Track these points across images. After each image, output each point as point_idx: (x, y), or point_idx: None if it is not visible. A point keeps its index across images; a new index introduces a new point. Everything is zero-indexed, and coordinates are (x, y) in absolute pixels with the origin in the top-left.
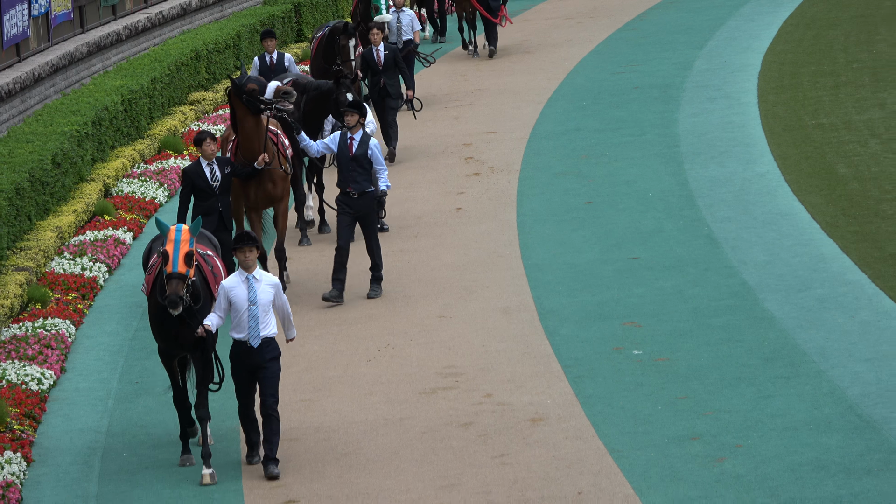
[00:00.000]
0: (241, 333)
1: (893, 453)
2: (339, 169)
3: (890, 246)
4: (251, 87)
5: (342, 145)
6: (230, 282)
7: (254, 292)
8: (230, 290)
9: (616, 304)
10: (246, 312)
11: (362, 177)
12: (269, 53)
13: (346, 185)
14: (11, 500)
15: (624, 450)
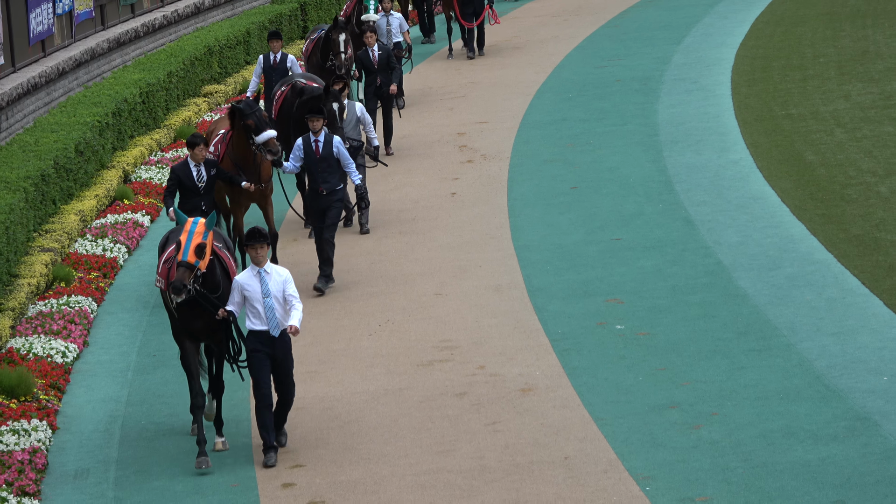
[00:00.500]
0: (261, 325)
1: (858, 421)
2: (309, 171)
3: (854, 228)
4: (248, 122)
5: (308, 150)
6: (243, 277)
7: (266, 285)
8: (244, 285)
9: (600, 282)
10: (261, 305)
11: (332, 176)
12: (274, 53)
13: (318, 185)
14: (38, 465)
15: (607, 418)
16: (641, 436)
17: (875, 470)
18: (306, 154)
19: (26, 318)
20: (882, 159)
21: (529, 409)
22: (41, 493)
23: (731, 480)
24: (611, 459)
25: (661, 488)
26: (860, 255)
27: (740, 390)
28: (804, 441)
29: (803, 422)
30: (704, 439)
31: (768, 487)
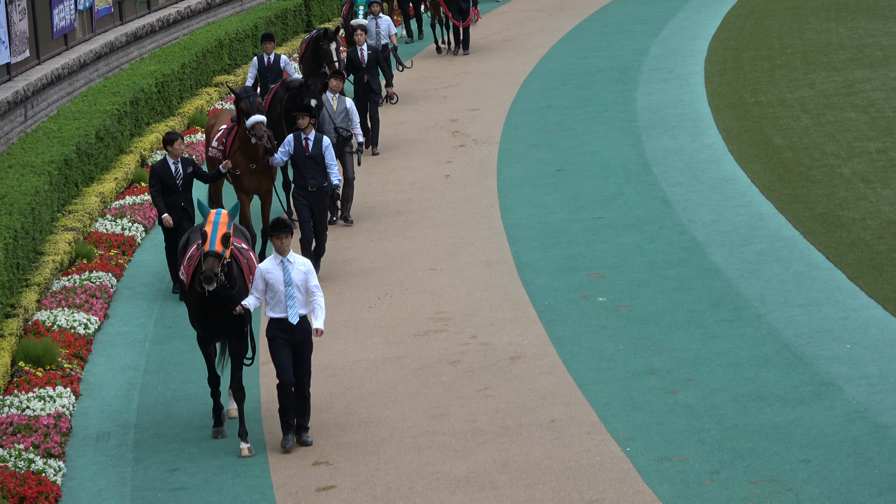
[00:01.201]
0: (280, 312)
1: (823, 385)
2: (296, 167)
3: (819, 206)
4: (241, 105)
5: (298, 147)
6: (266, 265)
7: (288, 274)
8: (266, 272)
9: (583, 257)
10: (282, 293)
11: (318, 173)
12: (267, 55)
13: (305, 181)
14: (62, 429)
15: (590, 383)
16: (622, 400)
17: (839, 431)
18: (296, 151)
19: (51, 293)
20: (844, 143)
21: (518, 376)
22: (65, 454)
23: (706, 441)
24: (594, 422)
25: (641, 449)
26: (824, 232)
27: (714, 357)
28: (773, 404)
29: (772, 387)
30: (681, 403)
31: (740, 447)
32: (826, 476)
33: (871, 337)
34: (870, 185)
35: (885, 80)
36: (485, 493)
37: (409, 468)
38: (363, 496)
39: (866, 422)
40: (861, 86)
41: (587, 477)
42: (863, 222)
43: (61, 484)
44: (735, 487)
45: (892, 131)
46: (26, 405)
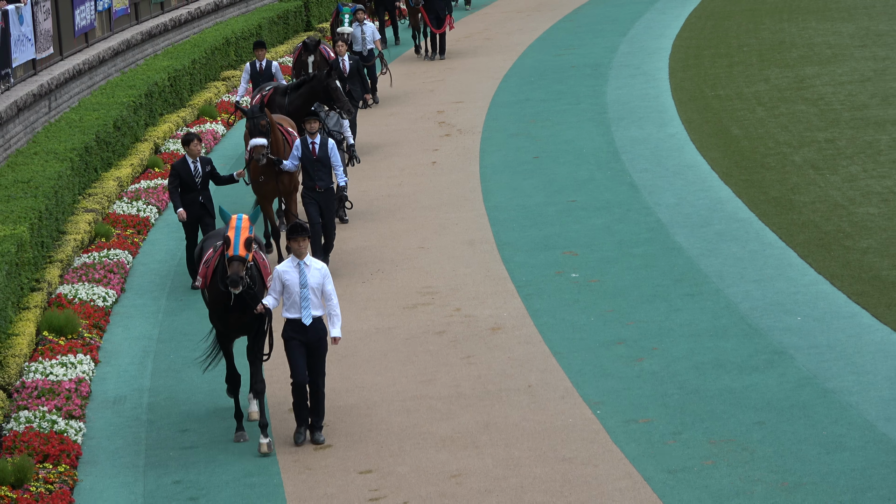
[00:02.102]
0: (295, 313)
1: (776, 354)
2: (304, 170)
3: (773, 191)
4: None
5: (305, 151)
6: (284, 267)
7: (304, 276)
8: (283, 274)
9: (558, 237)
10: (298, 294)
11: (326, 174)
12: (259, 61)
13: (314, 183)
14: (83, 392)
15: (564, 352)
16: (593, 367)
17: (790, 396)
18: (303, 154)
19: (72, 269)
20: (796, 133)
21: (498, 345)
22: (85, 416)
23: (669, 405)
24: (567, 387)
25: (610, 411)
26: (777, 214)
27: (676, 328)
28: (730, 371)
29: (730, 355)
30: (646, 370)
31: (700, 410)
32: (778, 437)
33: (820, 310)
34: (819, 171)
35: (834, 76)
36: (467, 452)
37: (398, 429)
38: (356, 454)
39: (815, 387)
40: (811, 81)
41: (561, 437)
42: (812, 205)
43: (81, 443)
44: (695, 447)
45: (839, 123)
46: (50, 371)
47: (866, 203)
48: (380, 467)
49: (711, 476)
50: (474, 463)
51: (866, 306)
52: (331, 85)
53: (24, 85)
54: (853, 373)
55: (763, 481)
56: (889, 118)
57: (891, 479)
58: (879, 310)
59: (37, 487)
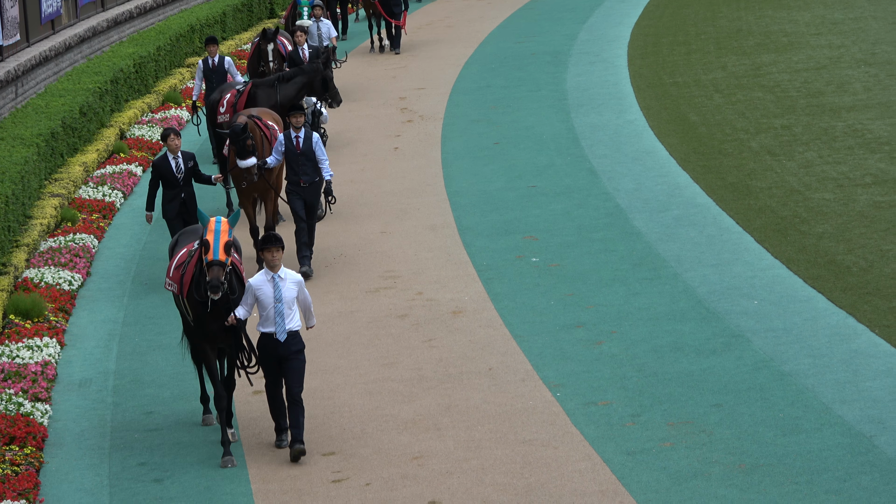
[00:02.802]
0: (269, 328)
1: (733, 337)
2: (289, 164)
3: (730, 176)
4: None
5: (289, 145)
6: (257, 280)
7: (279, 290)
8: (257, 288)
9: (518, 222)
10: (272, 309)
11: (310, 168)
12: (211, 57)
13: (298, 178)
14: (49, 375)
15: (524, 335)
16: (553, 350)
17: (747, 378)
18: (287, 149)
19: (39, 253)
20: (753, 119)
21: (459, 328)
22: (51, 398)
23: (628, 387)
24: (527, 370)
25: (570, 394)
26: (735, 200)
27: (635, 312)
28: (689, 354)
29: (688, 338)
30: (605, 353)
31: (658, 393)
32: (736, 419)
33: (777, 294)
34: (775, 157)
35: (790, 63)
36: (429, 434)
37: (361, 411)
38: (319, 436)
39: (772, 370)
40: (768, 68)
41: (521, 419)
42: (769, 191)
43: (47, 425)
44: (654, 429)
45: (795, 109)
46: (16, 354)
47: (822, 189)
48: (342, 449)
49: (670, 458)
50: (436, 445)
51: (822, 290)
52: (328, 75)
53: None
54: (809, 356)
55: (720, 463)
56: (844, 105)
57: (846, 461)
58: (835, 294)
59: (3, 469)
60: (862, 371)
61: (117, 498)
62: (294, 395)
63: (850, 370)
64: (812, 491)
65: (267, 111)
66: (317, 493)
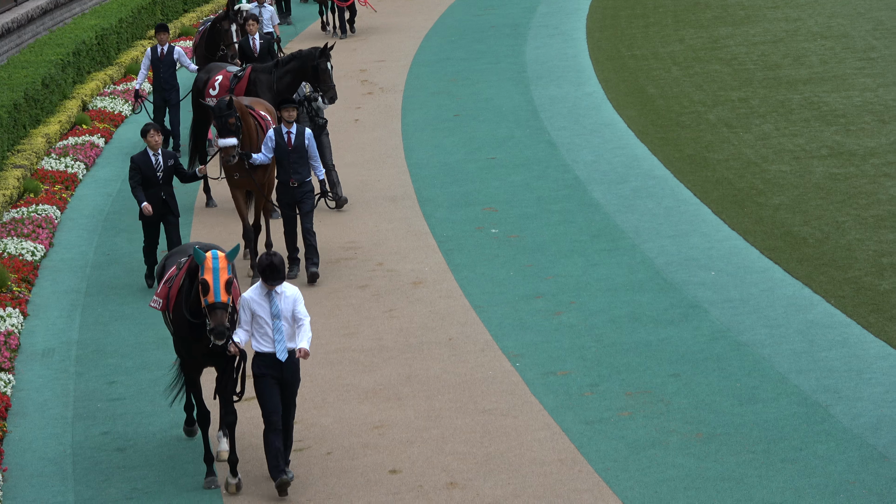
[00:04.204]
0: (268, 347)
1: (690, 308)
2: (279, 162)
3: (687, 149)
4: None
5: (280, 141)
6: (253, 295)
7: (276, 306)
8: (252, 303)
9: (478, 193)
10: (270, 326)
11: (302, 167)
12: (161, 45)
13: (288, 177)
14: (12, 345)
15: (484, 305)
16: (512, 321)
17: (704, 348)
18: (278, 145)
19: (1, 223)
20: (710, 92)
21: (420, 299)
22: (14, 368)
23: (587, 357)
24: (487, 340)
25: (529, 364)
26: (692, 172)
27: (594, 283)
28: (646, 325)
29: (645, 309)
30: (564, 323)
31: (617, 363)
32: (693, 388)
33: (734, 265)
34: (732, 129)
35: (746, 37)
36: (390, 404)
37: (322, 381)
38: None
39: (729, 340)
40: (725, 41)
41: (481, 389)
42: (726, 163)
43: (10, 395)
44: (612, 398)
45: (752, 82)
46: None
47: (778, 161)
48: (304, 419)
49: (628, 427)
50: (396, 414)
51: (778, 261)
52: (321, 66)
53: None
54: (766, 326)
55: (678, 432)
56: (800, 78)
57: (802, 430)
58: (791, 265)
59: None
60: (818, 341)
61: (80, 467)
62: (290, 418)
63: (806, 340)
64: (768, 460)
65: (259, 101)
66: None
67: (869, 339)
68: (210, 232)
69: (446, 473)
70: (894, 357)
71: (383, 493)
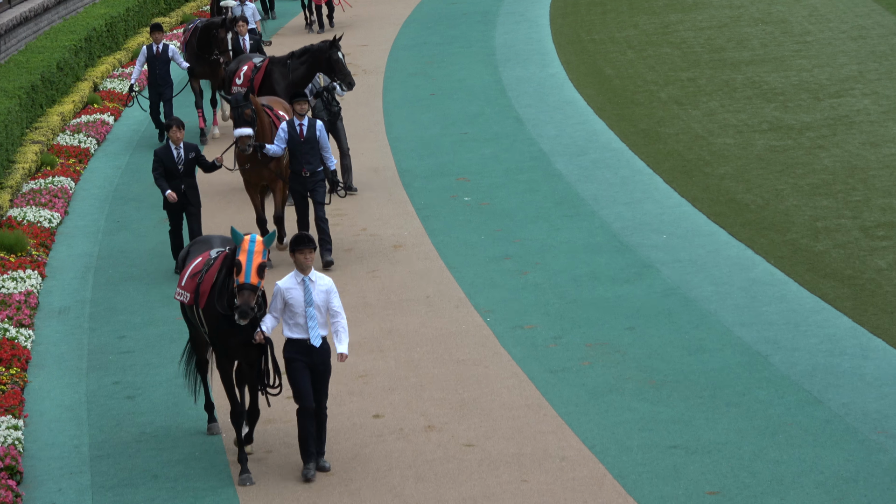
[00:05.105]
0: (300, 334)
1: (644, 268)
2: (292, 153)
3: (641, 124)
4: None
5: (292, 132)
6: (286, 283)
7: (310, 294)
8: (286, 291)
9: (452, 165)
10: (303, 314)
11: (314, 157)
12: (156, 44)
13: (301, 167)
14: (31, 304)
15: (458, 266)
16: (483, 279)
17: (657, 304)
18: (291, 137)
19: (21, 194)
20: (662, 73)
21: (400, 261)
22: (34, 325)
23: (550, 312)
24: (461, 297)
25: (499, 318)
26: (645, 145)
27: (557, 245)
28: (605, 283)
29: (604, 268)
30: (530, 282)
31: (577, 317)
32: (647, 340)
33: (683, 228)
34: (682, 106)
35: (695, 22)
36: (373, 355)
37: None
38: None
39: (679, 296)
40: (675, 27)
41: (455, 341)
42: (676, 137)
43: (30, 348)
44: (574, 349)
45: (699, 63)
46: (1, 285)
47: (723, 134)
48: None
49: (588, 375)
50: (379, 364)
51: (723, 225)
52: (333, 56)
53: None
54: (712, 283)
55: (633, 379)
56: (743, 59)
57: (744, 377)
58: (735, 228)
59: None
60: (759, 297)
61: (94, 413)
62: (323, 406)
63: (749, 296)
64: (714, 404)
65: (279, 101)
66: (272, 409)
67: (805, 295)
68: (231, 220)
69: (424, 417)
70: (828, 311)
71: (367, 435)
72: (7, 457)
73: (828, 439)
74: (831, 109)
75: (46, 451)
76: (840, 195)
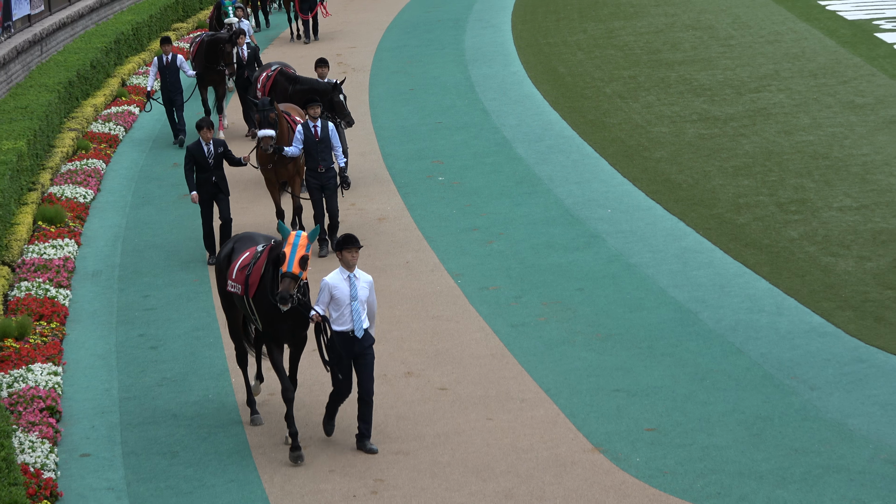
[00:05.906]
0: (346, 326)
1: (592, 238)
2: (308, 152)
3: (590, 115)
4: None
5: (308, 134)
6: (333, 279)
7: (354, 289)
8: (333, 287)
9: (428, 150)
10: (348, 308)
11: (327, 154)
12: (166, 55)
13: (317, 164)
14: (69, 268)
15: (433, 236)
16: (455, 248)
17: (603, 269)
18: (306, 137)
19: (60, 174)
20: (607, 71)
21: (384, 232)
22: (71, 286)
23: (512, 276)
24: (436, 263)
25: (468, 281)
26: (593, 132)
27: (518, 219)
28: (558, 250)
29: (558, 238)
30: (495, 250)
31: (535, 280)
32: (594, 300)
33: (626, 204)
34: (624, 100)
35: (635, 28)
36: None
37: None
38: None
39: (622, 262)
40: (618, 32)
41: (431, 300)
42: (619, 126)
43: (68, 306)
44: (532, 307)
45: (639, 63)
46: (43, 251)
47: (659, 124)
48: None
49: (544, 329)
50: None
51: (660, 202)
52: (335, 99)
53: (22, 34)
54: (650, 251)
55: (583, 332)
56: (676, 60)
57: (677, 331)
58: (669, 204)
59: (35, 339)
60: (690, 263)
61: (122, 361)
62: (368, 392)
63: (681, 262)
64: (652, 354)
65: (295, 107)
66: None
67: (729, 262)
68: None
69: (404, 365)
70: (749, 275)
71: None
72: (48, 398)
73: (748, 384)
74: (751, 103)
75: (81, 394)
76: (759, 176)
